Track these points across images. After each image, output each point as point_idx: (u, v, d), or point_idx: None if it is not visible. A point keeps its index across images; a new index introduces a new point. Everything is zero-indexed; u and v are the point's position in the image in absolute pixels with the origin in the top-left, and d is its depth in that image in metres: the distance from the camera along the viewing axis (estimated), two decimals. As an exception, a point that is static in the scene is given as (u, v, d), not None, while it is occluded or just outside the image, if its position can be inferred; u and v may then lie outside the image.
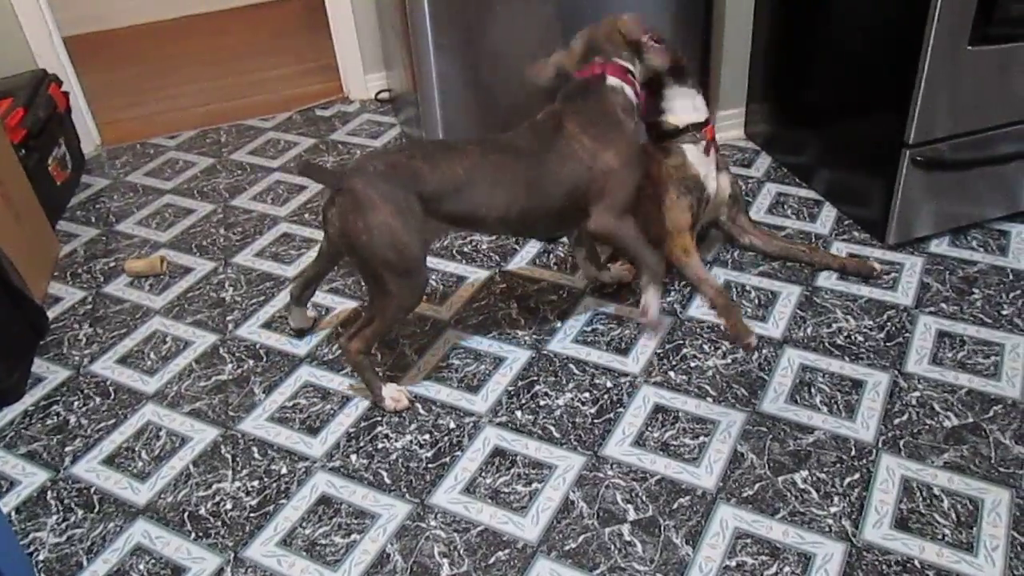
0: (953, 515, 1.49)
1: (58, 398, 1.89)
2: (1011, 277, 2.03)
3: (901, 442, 1.63)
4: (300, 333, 2.01)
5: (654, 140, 2.02)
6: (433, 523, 1.54)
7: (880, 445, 1.63)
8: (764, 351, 1.86)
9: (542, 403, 1.78)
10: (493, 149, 1.69)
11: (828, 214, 2.30)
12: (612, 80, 1.76)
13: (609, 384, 1.81)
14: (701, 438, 1.67)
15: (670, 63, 1.88)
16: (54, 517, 1.61)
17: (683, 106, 1.98)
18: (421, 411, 1.78)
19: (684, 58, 1.95)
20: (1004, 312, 1.93)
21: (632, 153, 1.76)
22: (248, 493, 1.63)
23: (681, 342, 1.90)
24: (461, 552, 1.48)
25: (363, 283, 1.62)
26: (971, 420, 1.67)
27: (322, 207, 1.67)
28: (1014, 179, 2.14)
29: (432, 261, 2.22)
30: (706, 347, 1.88)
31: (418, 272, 1.67)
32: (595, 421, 1.72)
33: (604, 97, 1.75)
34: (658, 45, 1.82)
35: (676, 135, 1.99)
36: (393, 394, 1.78)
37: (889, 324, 1.91)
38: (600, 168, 1.71)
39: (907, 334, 1.88)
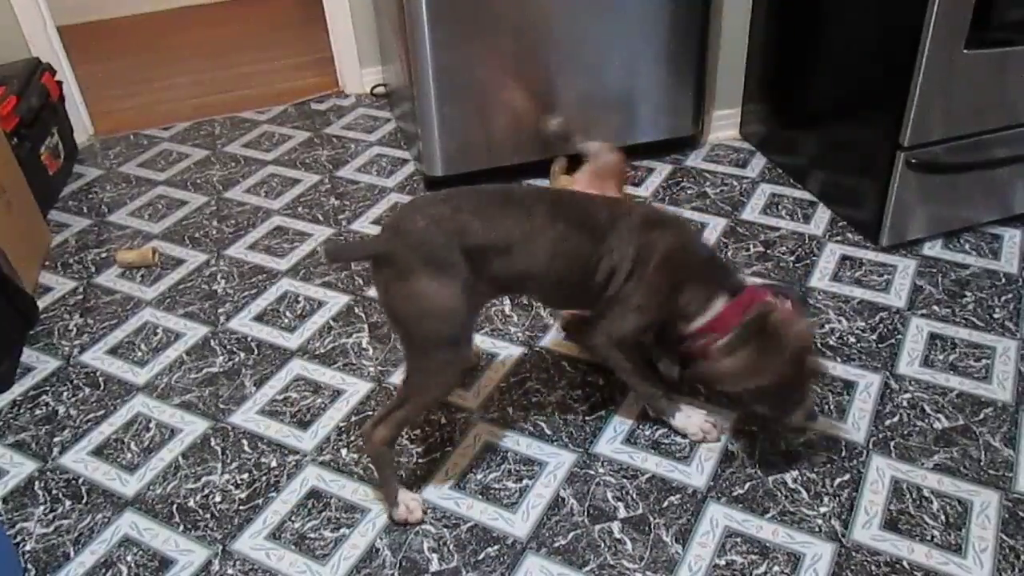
0: (942, 516, 1.49)
1: (47, 388, 1.88)
2: (1003, 281, 2.04)
3: (892, 443, 1.63)
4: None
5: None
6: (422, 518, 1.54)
7: (871, 446, 1.63)
8: (756, 351, 1.86)
9: (534, 400, 1.77)
10: (563, 217, 1.47)
11: (822, 215, 2.31)
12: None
13: (601, 381, 1.80)
14: (692, 437, 1.67)
15: None
16: (41, 507, 1.60)
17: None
18: (412, 406, 1.77)
19: None
20: (995, 315, 1.93)
21: (658, 298, 1.52)
22: (237, 486, 1.62)
23: (674, 341, 1.90)
24: (451, 547, 1.48)
25: (405, 357, 1.51)
26: (961, 422, 1.67)
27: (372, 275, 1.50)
28: (1008, 183, 2.14)
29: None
30: (698, 346, 1.88)
31: (465, 343, 1.47)
32: (586, 418, 1.72)
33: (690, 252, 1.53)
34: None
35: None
36: (409, 503, 1.54)
37: (881, 326, 1.92)
38: (619, 287, 1.50)
39: (899, 336, 1.89)
